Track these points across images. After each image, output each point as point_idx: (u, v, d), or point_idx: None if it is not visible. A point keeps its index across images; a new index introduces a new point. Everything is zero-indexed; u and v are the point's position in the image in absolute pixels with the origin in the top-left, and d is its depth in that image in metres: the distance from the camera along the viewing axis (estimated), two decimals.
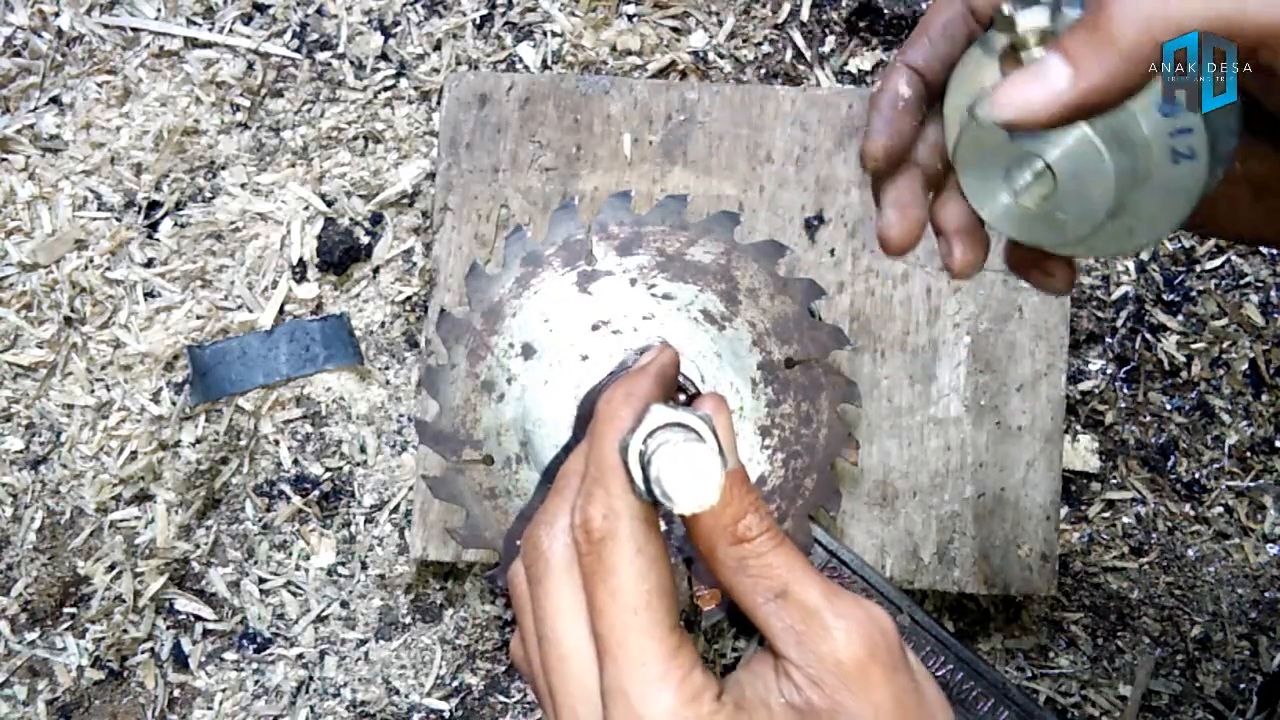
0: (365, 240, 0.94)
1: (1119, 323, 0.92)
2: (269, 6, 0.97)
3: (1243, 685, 0.90)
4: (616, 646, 0.33)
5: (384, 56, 0.96)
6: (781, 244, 0.74)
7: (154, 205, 0.95)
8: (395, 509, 0.92)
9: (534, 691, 0.38)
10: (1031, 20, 0.34)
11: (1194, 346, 0.92)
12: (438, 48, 0.96)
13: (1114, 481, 0.91)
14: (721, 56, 0.95)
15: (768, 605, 0.34)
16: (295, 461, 0.92)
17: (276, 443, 0.92)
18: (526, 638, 0.38)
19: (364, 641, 0.91)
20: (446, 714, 0.90)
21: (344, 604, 0.91)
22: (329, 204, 0.94)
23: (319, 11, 0.97)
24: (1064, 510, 0.90)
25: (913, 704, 0.35)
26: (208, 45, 0.96)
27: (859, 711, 0.34)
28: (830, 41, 0.95)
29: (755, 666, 0.36)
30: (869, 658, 0.34)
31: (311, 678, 0.91)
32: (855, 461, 0.75)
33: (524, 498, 0.72)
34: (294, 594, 0.91)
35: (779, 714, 0.34)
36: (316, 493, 0.92)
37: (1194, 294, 0.93)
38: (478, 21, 0.96)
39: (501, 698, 0.90)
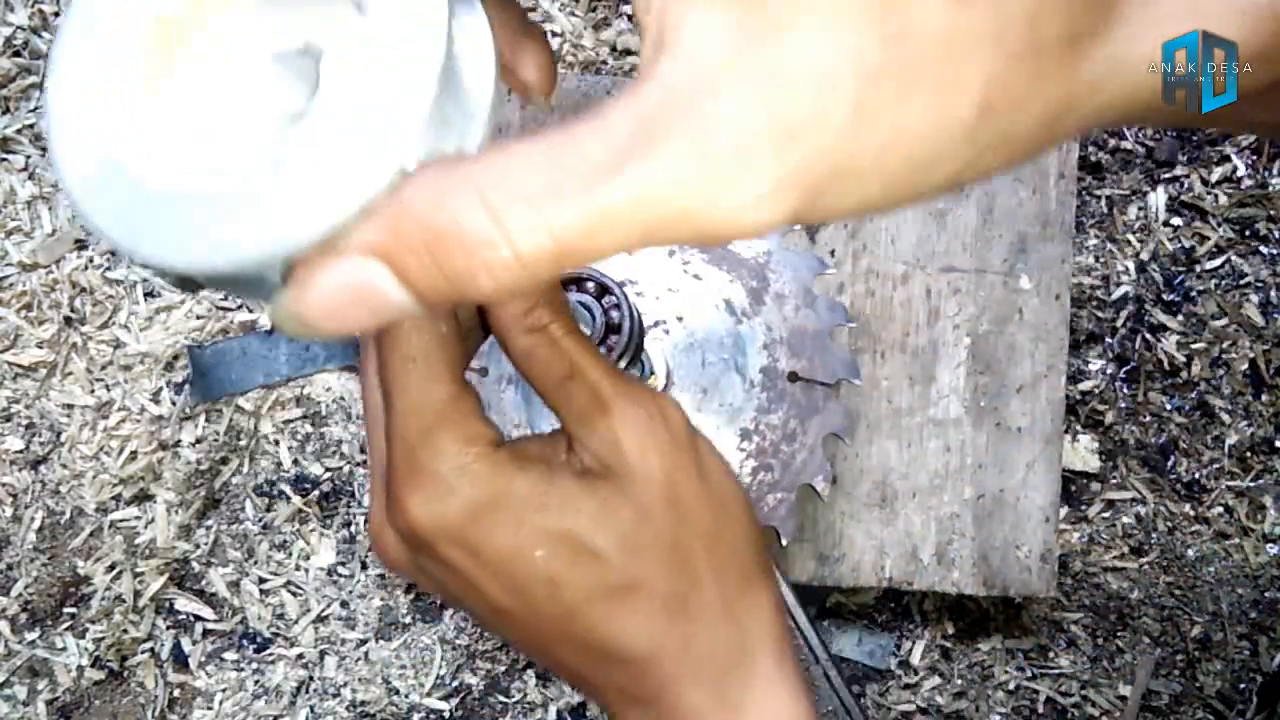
0: None
1: (1119, 323, 0.92)
2: None
3: (1243, 685, 0.90)
4: (398, 394, 0.34)
5: None
6: (824, 261, 0.74)
7: None
8: None
9: None
10: None
11: (1194, 346, 0.92)
12: None
13: (1114, 481, 0.91)
14: None
15: (556, 390, 0.35)
16: (295, 461, 0.92)
17: (276, 443, 0.92)
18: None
19: (364, 641, 0.91)
20: (446, 714, 0.90)
21: (344, 604, 0.91)
22: None
23: None
24: (1064, 510, 0.90)
25: (691, 482, 0.35)
26: None
27: (632, 480, 0.35)
28: None
29: (548, 438, 0.37)
30: (647, 433, 0.35)
31: (311, 678, 0.91)
32: (825, 498, 0.75)
33: (504, 415, 0.71)
34: (294, 594, 0.91)
35: (558, 469, 0.35)
36: (316, 493, 0.92)
37: (1194, 294, 0.93)
38: None
39: (501, 698, 0.90)
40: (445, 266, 0.23)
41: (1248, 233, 0.93)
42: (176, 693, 0.91)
